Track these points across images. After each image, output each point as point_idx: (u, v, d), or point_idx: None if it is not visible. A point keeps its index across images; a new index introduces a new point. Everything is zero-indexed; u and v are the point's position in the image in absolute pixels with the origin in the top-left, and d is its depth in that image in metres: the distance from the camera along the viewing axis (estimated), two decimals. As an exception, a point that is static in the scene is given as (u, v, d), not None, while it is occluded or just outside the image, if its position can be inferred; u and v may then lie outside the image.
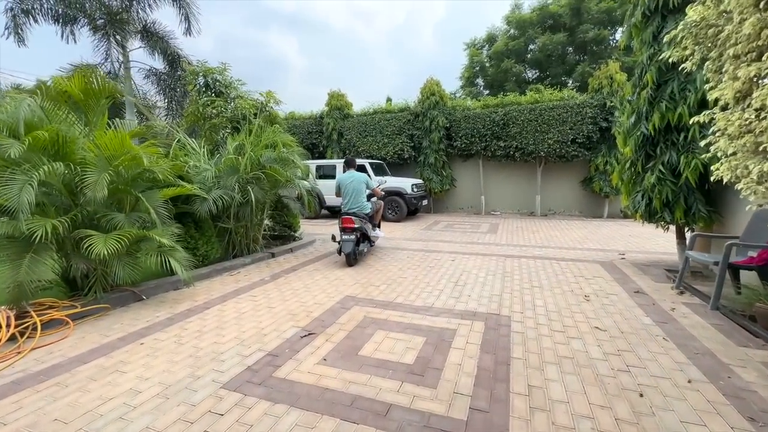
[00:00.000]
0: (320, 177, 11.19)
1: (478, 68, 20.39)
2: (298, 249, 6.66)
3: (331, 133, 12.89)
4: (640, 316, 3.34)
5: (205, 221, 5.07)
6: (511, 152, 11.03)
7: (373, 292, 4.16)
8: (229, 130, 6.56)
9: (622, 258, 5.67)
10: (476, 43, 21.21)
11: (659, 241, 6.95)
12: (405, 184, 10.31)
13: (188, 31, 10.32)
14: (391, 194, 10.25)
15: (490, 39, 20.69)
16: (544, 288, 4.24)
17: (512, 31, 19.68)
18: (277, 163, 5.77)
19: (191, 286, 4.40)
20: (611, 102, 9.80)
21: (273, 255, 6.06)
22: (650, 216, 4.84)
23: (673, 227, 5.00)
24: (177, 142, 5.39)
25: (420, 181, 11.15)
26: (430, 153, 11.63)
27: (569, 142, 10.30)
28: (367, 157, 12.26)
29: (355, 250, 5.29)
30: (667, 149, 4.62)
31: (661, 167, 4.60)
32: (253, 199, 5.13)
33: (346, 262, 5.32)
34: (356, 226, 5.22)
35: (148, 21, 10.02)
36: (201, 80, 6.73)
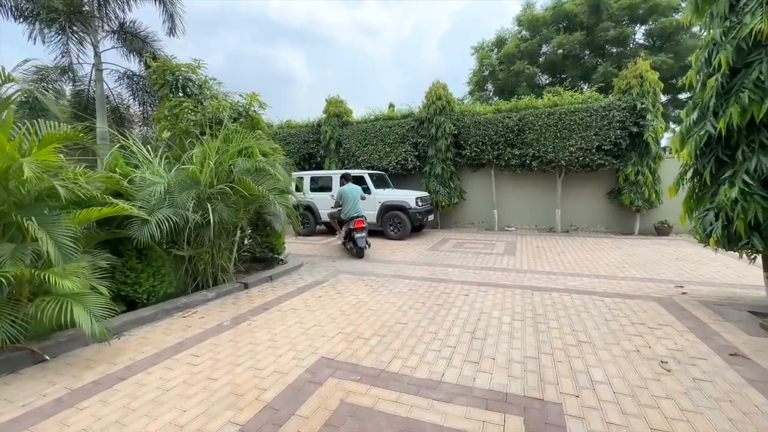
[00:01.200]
0: (316, 189, 10.18)
1: (487, 72, 19.14)
2: (280, 276, 5.57)
3: (328, 142, 11.89)
4: (766, 408, 2.16)
5: (153, 249, 4.02)
6: (528, 161, 9.88)
7: (359, 350, 3.03)
8: (205, 137, 5.57)
9: (683, 293, 4.46)
10: (485, 46, 20.09)
11: (717, 267, 5.72)
12: (409, 197, 9.17)
13: (172, 30, 9.51)
14: (394, 209, 9.11)
15: (500, 42, 19.52)
16: (596, 345, 3.07)
17: (524, 32, 18.53)
18: (251, 174, 4.75)
19: (121, 337, 3.32)
20: (642, 104, 8.65)
21: (246, 286, 4.97)
22: (729, 241, 3.67)
23: (758, 257, 3.82)
24: (119, 147, 4.38)
25: (425, 193, 10.00)
26: (437, 163, 10.53)
27: (594, 150, 9.11)
28: (367, 168, 11.20)
29: (365, 243, 6.86)
30: (752, 153, 3.47)
31: (745, 177, 3.45)
32: (213, 220, 4.08)
33: (358, 254, 6.89)
34: (364, 225, 6.85)
35: (126, 20, 9.20)
36: (170, 79, 5.78)
